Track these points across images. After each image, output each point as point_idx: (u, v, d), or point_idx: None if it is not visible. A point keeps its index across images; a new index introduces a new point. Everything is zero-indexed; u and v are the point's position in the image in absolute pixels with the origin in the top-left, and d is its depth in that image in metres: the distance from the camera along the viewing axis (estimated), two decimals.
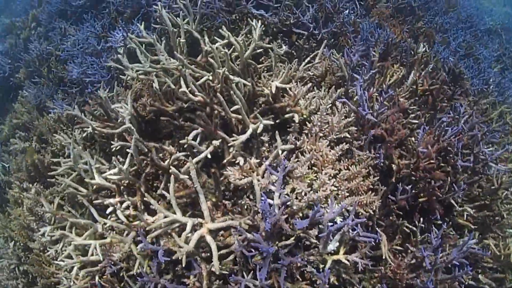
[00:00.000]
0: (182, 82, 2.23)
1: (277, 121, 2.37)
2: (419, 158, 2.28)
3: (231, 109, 2.18)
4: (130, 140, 2.41)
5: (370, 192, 2.25)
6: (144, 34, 2.81)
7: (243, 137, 2.17)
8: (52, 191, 2.85)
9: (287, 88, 2.35)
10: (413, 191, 2.29)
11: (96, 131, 2.44)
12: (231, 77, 2.39)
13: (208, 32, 3.07)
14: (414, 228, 2.33)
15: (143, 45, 2.86)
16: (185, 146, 2.13)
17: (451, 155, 2.44)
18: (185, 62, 2.36)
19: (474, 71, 2.87)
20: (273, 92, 2.26)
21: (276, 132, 2.13)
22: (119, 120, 2.45)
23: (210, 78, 2.44)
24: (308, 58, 2.80)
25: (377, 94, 2.53)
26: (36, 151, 3.20)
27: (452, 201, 2.39)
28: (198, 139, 2.25)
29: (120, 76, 2.77)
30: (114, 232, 2.27)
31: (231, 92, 2.20)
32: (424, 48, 3.02)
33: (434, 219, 2.37)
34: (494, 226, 2.52)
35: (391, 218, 2.36)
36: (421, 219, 2.33)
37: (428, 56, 2.83)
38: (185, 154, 2.26)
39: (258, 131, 2.11)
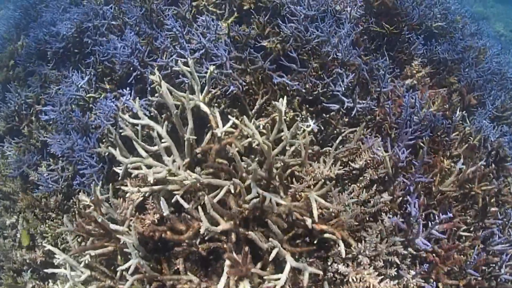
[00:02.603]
0: (202, 217, 1.56)
1: (314, 242, 1.78)
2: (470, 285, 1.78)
3: (270, 249, 1.55)
4: (139, 266, 1.76)
5: None
6: (140, 114, 2.05)
7: (282, 279, 1.57)
8: None
9: (329, 208, 1.72)
10: None
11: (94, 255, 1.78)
12: (260, 190, 1.73)
13: (218, 102, 2.32)
14: None
15: (140, 126, 2.11)
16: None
17: (495, 266, 1.96)
18: (201, 179, 1.67)
19: None
20: (315, 219, 1.63)
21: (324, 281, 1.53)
22: (121, 241, 1.78)
23: (231, 188, 1.77)
24: (340, 138, 2.14)
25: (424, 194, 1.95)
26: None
27: None
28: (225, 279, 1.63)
29: (114, 168, 2.04)
30: None
31: (268, 221, 1.56)
32: (461, 115, 2.40)
33: None
34: None
35: None
36: None
37: (470, 134, 2.23)
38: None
39: (305, 284, 1.51)
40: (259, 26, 2.66)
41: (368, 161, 1.99)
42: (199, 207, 1.65)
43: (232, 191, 1.75)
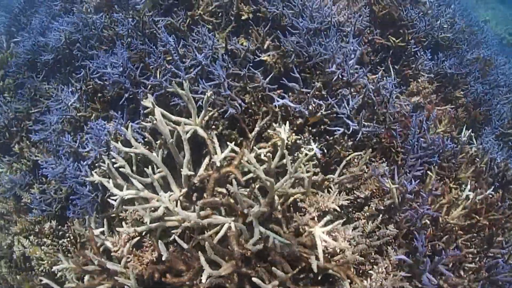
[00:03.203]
0: (203, 262, 1.44)
1: (319, 278, 1.68)
2: None
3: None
4: None
5: None
6: (133, 143, 1.89)
7: None
8: None
9: (334, 246, 1.61)
10: None
11: None
12: (262, 230, 1.62)
13: (216, 124, 2.16)
14: None
15: (134, 156, 1.96)
16: None
17: None
18: (201, 221, 1.55)
19: None
20: (320, 259, 1.52)
21: None
22: (119, 280, 1.67)
23: (232, 225, 1.65)
24: (344, 162, 2.02)
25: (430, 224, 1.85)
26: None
27: None
28: None
29: (109, 199, 1.91)
30: None
31: (272, 268, 1.46)
32: (468, 134, 2.27)
33: None
34: None
35: None
36: None
37: (476, 156, 2.12)
38: None
39: None
40: (258, 39, 2.48)
41: (374, 191, 1.88)
42: (200, 242, 1.55)
43: (233, 229, 1.64)
